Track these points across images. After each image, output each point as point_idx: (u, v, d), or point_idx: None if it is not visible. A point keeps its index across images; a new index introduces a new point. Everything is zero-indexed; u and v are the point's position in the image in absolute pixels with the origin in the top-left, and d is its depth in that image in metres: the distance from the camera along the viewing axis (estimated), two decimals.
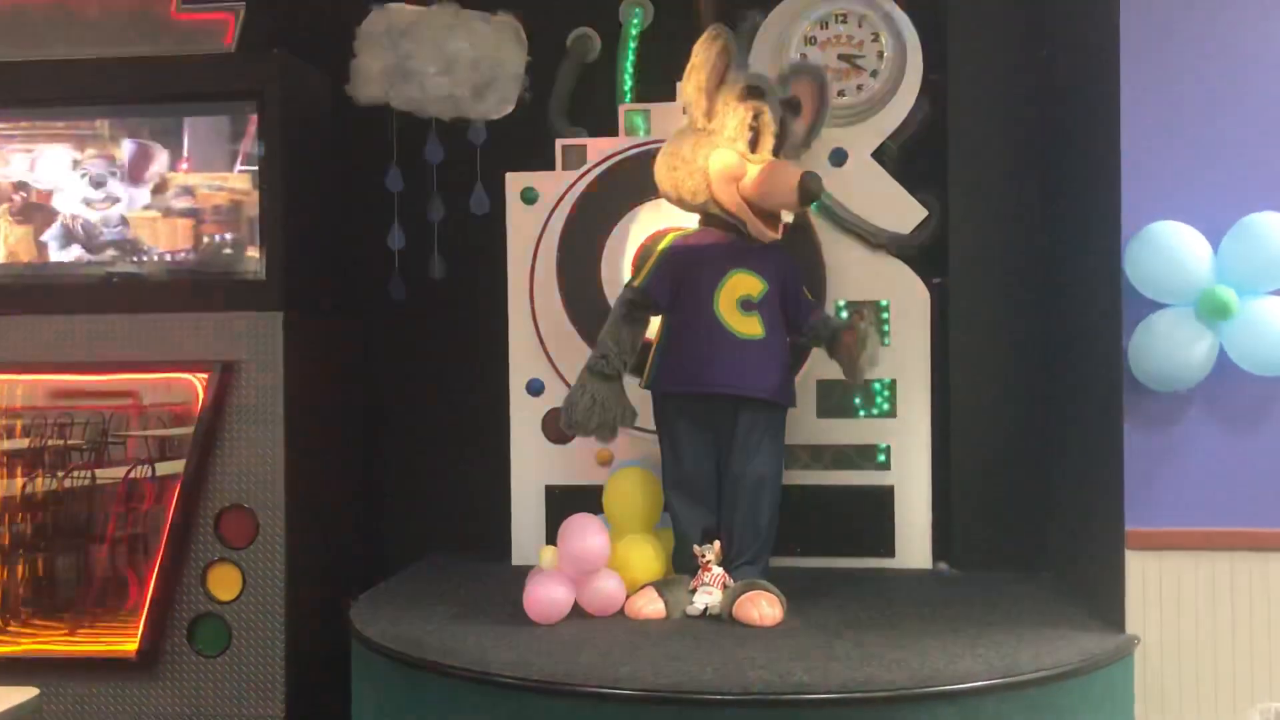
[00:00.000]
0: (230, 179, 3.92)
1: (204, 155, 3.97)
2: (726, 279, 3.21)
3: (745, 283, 3.22)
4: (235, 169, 3.91)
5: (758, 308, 3.21)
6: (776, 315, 3.27)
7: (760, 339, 3.21)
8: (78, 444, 4.03)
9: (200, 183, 3.93)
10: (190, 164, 3.96)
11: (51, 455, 4.00)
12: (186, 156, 3.96)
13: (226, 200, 3.92)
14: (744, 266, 3.23)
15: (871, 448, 3.69)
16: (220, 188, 3.93)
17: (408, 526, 4.31)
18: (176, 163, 3.95)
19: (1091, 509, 3.17)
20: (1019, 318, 3.71)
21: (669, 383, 3.31)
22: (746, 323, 3.20)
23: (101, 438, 4.04)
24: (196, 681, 3.78)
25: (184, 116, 3.94)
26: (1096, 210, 3.07)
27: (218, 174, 3.94)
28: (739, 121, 3.19)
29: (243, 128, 3.87)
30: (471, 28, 3.86)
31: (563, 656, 2.74)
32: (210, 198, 3.93)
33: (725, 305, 3.20)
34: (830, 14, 3.71)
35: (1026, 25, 3.70)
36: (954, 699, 2.54)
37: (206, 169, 3.95)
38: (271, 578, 3.76)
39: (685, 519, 3.28)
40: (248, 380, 3.78)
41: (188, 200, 3.93)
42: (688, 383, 3.26)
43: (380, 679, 3.02)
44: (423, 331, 4.27)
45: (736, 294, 3.21)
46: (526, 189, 3.85)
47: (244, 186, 3.89)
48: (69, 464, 3.98)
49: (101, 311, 3.86)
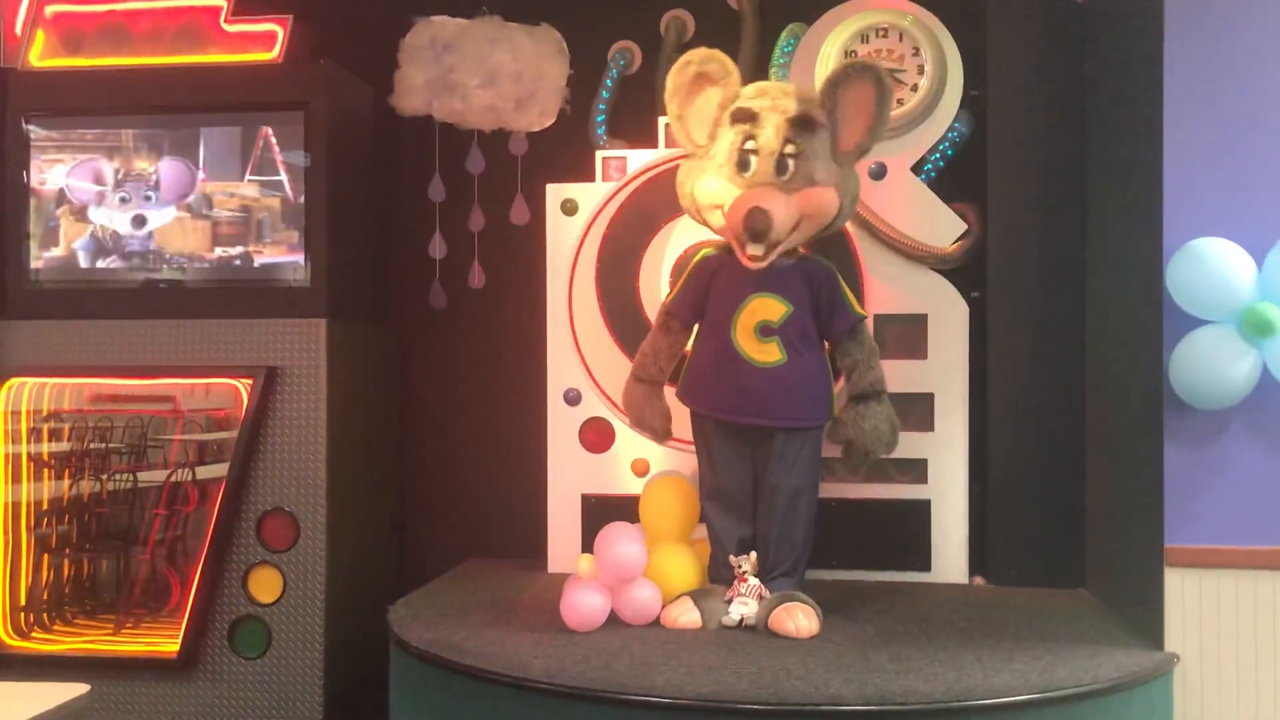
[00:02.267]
0: (275, 186, 3.99)
1: (249, 163, 4.04)
2: (745, 304, 3.17)
3: (765, 307, 3.16)
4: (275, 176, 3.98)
5: (778, 332, 3.15)
6: (807, 336, 3.18)
7: (780, 365, 3.15)
8: (118, 448, 4.11)
9: (239, 190, 3.99)
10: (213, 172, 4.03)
11: (93, 459, 4.08)
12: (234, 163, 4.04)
13: (274, 206, 3.99)
14: (766, 290, 3.16)
15: (908, 461, 3.68)
16: (259, 195, 3.99)
17: (445, 532, 4.35)
18: (219, 170, 4.02)
19: (1130, 525, 3.15)
20: (1057, 332, 3.69)
21: (696, 404, 3.33)
22: (764, 350, 3.16)
23: (141, 442, 4.11)
24: (237, 683, 3.84)
25: (231, 126, 4.01)
26: (1138, 226, 3.06)
27: (260, 179, 4.00)
28: (729, 145, 3.16)
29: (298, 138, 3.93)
30: (514, 41, 3.92)
31: (599, 664, 2.76)
32: (254, 204, 3.99)
33: (742, 332, 3.17)
34: (870, 28, 3.72)
35: (1067, 40, 3.69)
36: (992, 713, 2.54)
37: (246, 176, 4.02)
38: (312, 581, 3.82)
39: (722, 530, 3.29)
40: (291, 385, 3.84)
41: (227, 207, 4.00)
42: (714, 409, 3.27)
43: (418, 683, 3.05)
44: (462, 340, 4.32)
45: (755, 320, 3.16)
46: (566, 199, 3.87)
47: (288, 195, 3.95)
48: (111, 467, 4.05)
49: (147, 317, 3.94)
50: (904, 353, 3.67)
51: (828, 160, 3.13)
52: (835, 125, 3.13)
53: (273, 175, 3.96)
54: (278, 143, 3.94)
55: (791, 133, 3.10)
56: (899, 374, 3.48)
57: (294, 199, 3.92)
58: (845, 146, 3.15)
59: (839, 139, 3.14)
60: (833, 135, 3.13)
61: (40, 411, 4.08)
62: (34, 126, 4.04)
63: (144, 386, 4.02)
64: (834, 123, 3.13)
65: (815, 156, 3.11)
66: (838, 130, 3.14)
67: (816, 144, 3.11)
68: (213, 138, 4.01)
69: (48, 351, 3.97)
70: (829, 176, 3.12)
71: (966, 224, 3.69)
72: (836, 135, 3.14)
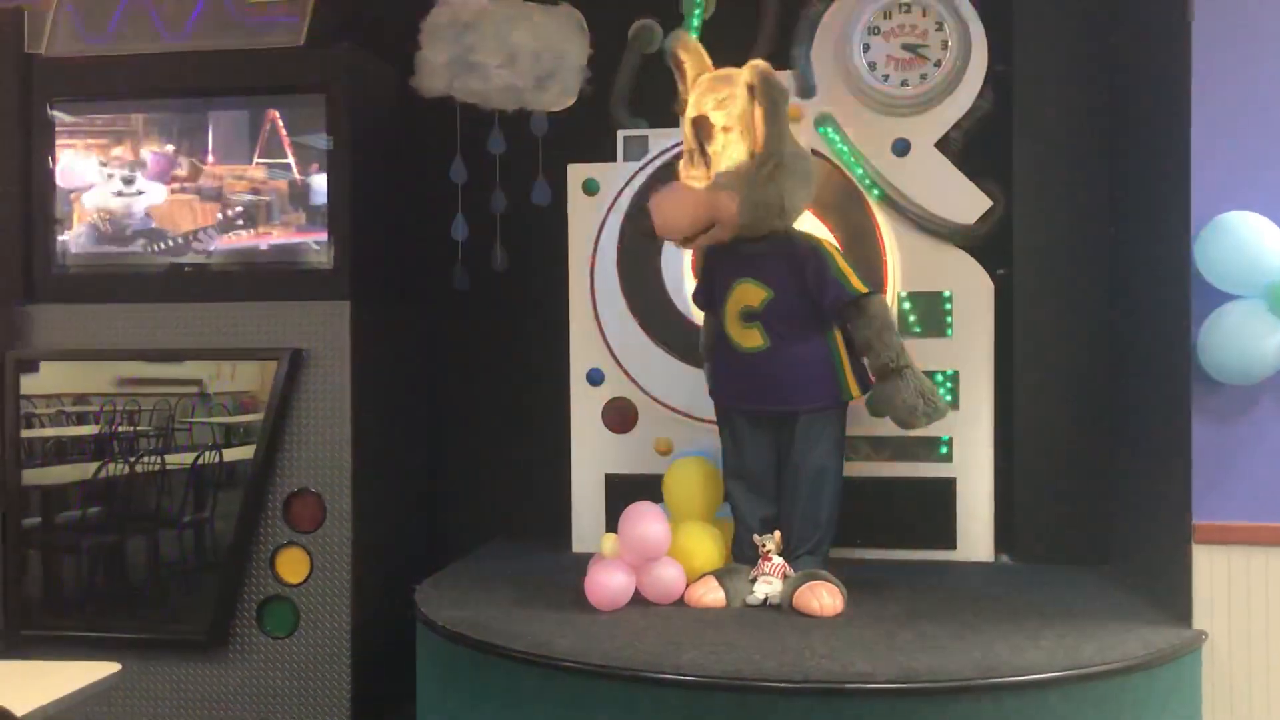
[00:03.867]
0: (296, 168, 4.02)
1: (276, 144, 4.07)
2: (733, 289, 3.20)
3: (748, 293, 3.17)
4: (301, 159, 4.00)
5: (760, 317, 3.15)
6: (793, 319, 3.16)
7: (761, 350, 3.17)
8: (145, 430, 4.15)
9: (247, 173, 4.01)
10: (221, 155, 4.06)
11: (120, 442, 4.12)
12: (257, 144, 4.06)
13: (281, 189, 4.01)
14: (749, 275, 3.17)
15: (934, 440, 3.67)
16: (266, 178, 4.01)
17: (470, 512, 4.39)
18: (249, 152, 4.04)
19: (1158, 502, 3.13)
20: (1083, 309, 3.66)
21: (712, 390, 3.41)
22: (747, 335, 3.18)
23: (168, 424, 4.15)
24: (265, 662, 3.88)
25: (239, 110, 4.04)
26: (1166, 200, 3.02)
27: (268, 161, 4.02)
28: (685, 142, 3.22)
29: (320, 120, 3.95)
30: (534, 20, 3.90)
31: (624, 642, 2.77)
32: (262, 187, 4.02)
33: (731, 319, 3.21)
34: (894, 3, 3.68)
35: (1093, 14, 3.64)
36: (1019, 690, 2.53)
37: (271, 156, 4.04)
38: (339, 561, 3.85)
39: (746, 509, 3.30)
40: (316, 367, 3.87)
41: (235, 189, 4.02)
42: (720, 394, 3.36)
43: (444, 662, 3.07)
44: (485, 321, 4.35)
45: (739, 306, 3.18)
46: (588, 180, 3.88)
47: (314, 177, 3.97)
48: (138, 450, 4.09)
49: (172, 300, 3.97)
50: (929, 330, 3.66)
51: (733, 164, 3.10)
52: (754, 128, 3.10)
53: (280, 158, 3.98)
54: (297, 125, 3.96)
55: (695, 134, 3.14)
56: (924, 352, 3.46)
57: (301, 181, 3.94)
58: (757, 148, 3.11)
59: (750, 144, 3.12)
60: (750, 136, 3.11)
61: (68, 395, 4.12)
62: (58, 112, 4.07)
63: (171, 370, 4.05)
64: (752, 125, 3.11)
65: (719, 160, 3.12)
66: (752, 132, 3.11)
67: (719, 145, 3.12)
68: (221, 121, 4.03)
69: (75, 335, 4.01)
70: (732, 182, 3.08)
71: (991, 200, 3.65)
72: (752, 137, 3.11)
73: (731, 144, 3.12)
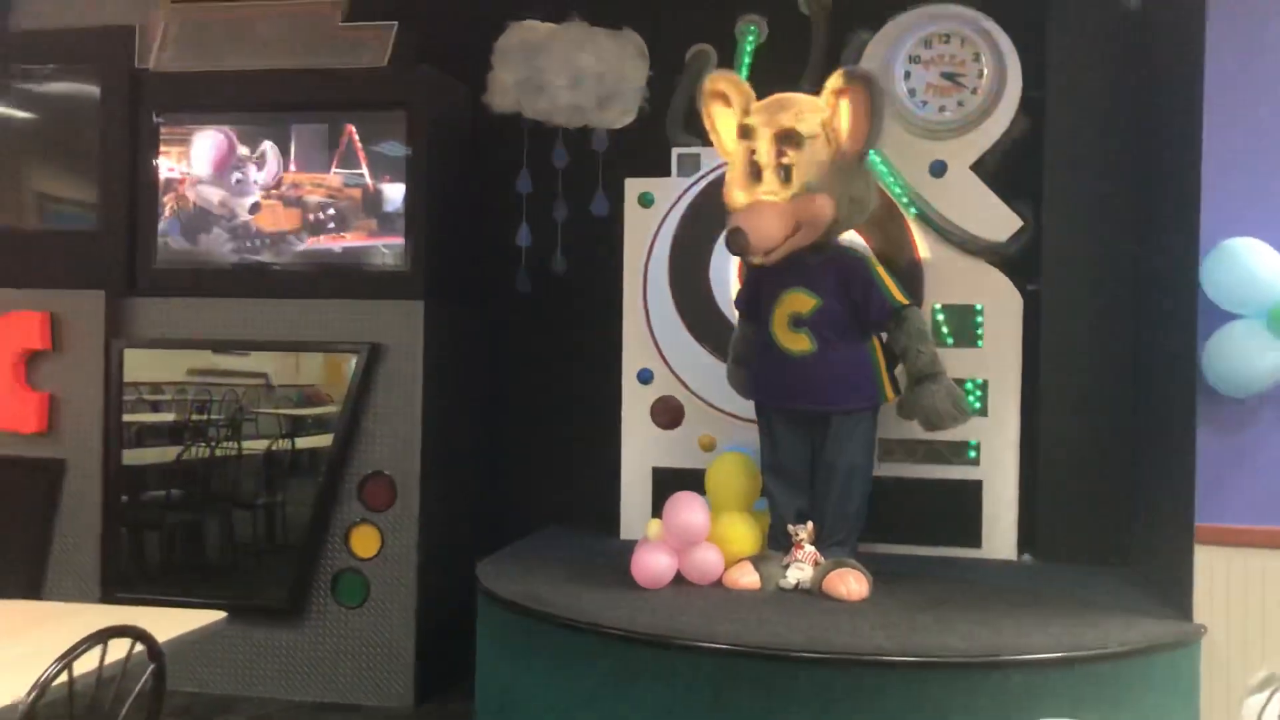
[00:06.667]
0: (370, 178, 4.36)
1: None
2: (782, 297, 3.43)
3: (797, 301, 3.41)
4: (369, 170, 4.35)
5: (808, 324, 3.39)
6: (839, 326, 3.40)
7: (810, 354, 3.40)
8: (218, 419, 4.49)
9: (325, 181, 4.36)
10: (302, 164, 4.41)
11: (194, 429, 4.47)
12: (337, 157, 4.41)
13: (355, 196, 4.35)
14: (799, 285, 3.41)
15: (962, 444, 3.88)
16: (343, 185, 4.35)
17: (526, 500, 4.65)
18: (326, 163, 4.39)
19: (1164, 505, 3.33)
20: (1107, 324, 3.85)
21: (753, 391, 3.65)
22: (795, 340, 3.41)
23: (239, 413, 4.49)
24: (338, 630, 4.22)
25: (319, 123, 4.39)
26: (1177, 225, 3.24)
27: (344, 171, 4.37)
28: (739, 159, 3.45)
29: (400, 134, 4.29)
30: (598, 44, 4.15)
31: (665, 615, 3.05)
32: (339, 194, 4.36)
33: (779, 324, 3.44)
34: (934, 34, 3.91)
35: (1124, 45, 3.83)
36: (1022, 668, 2.77)
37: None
38: (407, 538, 4.18)
39: (781, 501, 3.55)
40: (391, 361, 4.20)
41: (315, 196, 4.36)
42: (763, 395, 3.59)
43: (503, 630, 3.37)
44: (544, 322, 4.62)
45: (788, 312, 3.42)
46: (644, 193, 4.14)
47: (386, 186, 4.31)
48: (211, 437, 4.43)
49: (260, 296, 4.33)
50: (961, 341, 3.86)
51: (823, 168, 3.35)
52: (835, 132, 3.36)
53: (355, 168, 4.32)
54: (371, 138, 4.30)
55: (780, 146, 3.35)
56: (954, 361, 3.66)
57: (374, 189, 4.28)
58: (847, 151, 3.37)
59: (839, 145, 3.36)
60: (833, 142, 3.36)
61: (159, 383, 4.48)
62: (162, 122, 4.44)
63: (246, 363, 4.39)
64: (833, 130, 3.36)
65: (810, 165, 3.34)
66: (838, 137, 3.36)
67: (806, 153, 3.34)
68: (303, 134, 4.38)
69: (173, 326, 4.39)
70: (824, 184, 3.34)
71: (1022, 220, 3.85)
72: (838, 141, 3.36)
73: (817, 151, 3.35)
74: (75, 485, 4.41)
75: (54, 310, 4.40)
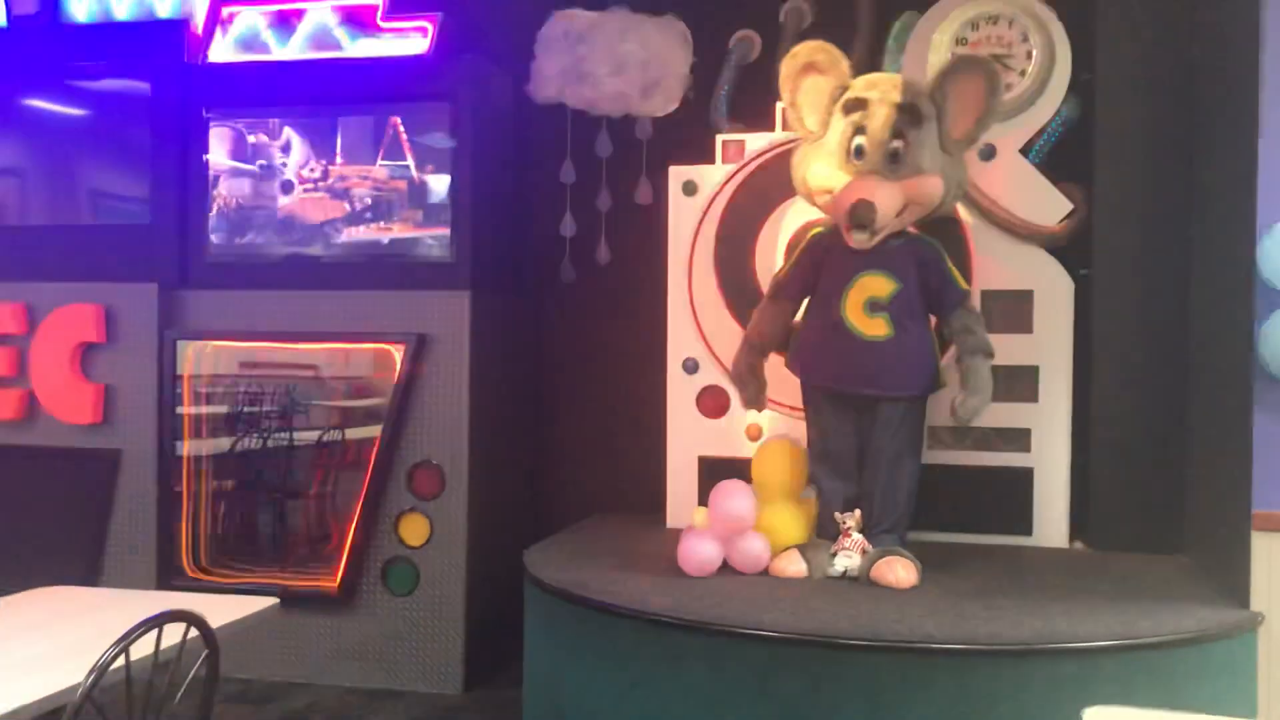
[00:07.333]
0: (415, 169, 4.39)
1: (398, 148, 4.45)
2: (855, 280, 3.38)
3: (874, 284, 3.37)
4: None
5: (887, 308, 3.36)
6: (914, 311, 3.39)
7: (888, 339, 3.37)
8: (270, 410, 4.55)
9: (371, 173, 4.40)
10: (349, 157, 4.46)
11: (246, 420, 4.54)
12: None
13: (401, 188, 4.38)
14: (875, 268, 3.37)
15: (1013, 431, 3.84)
16: (388, 177, 4.39)
17: (572, 489, 4.70)
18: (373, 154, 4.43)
19: (1220, 492, 3.28)
20: (1159, 309, 3.79)
21: (806, 374, 3.57)
22: (873, 324, 3.38)
23: (289, 405, 4.54)
24: (389, 616, 4.27)
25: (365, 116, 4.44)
26: (1232, 206, 3.17)
27: (390, 163, 4.41)
28: (839, 134, 3.39)
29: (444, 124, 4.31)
30: (642, 31, 4.16)
31: (712, 602, 3.05)
32: (385, 185, 4.40)
33: (852, 308, 3.39)
34: (982, 15, 3.86)
35: (1173, 25, 3.77)
36: (1076, 656, 2.74)
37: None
38: (456, 527, 4.21)
39: (829, 489, 3.54)
40: (438, 351, 4.24)
41: (361, 188, 4.40)
42: (823, 379, 3.52)
43: (549, 616, 3.39)
44: (589, 312, 4.65)
45: (864, 296, 3.38)
46: (687, 181, 4.13)
47: (431, 178, 4.34)
48: (264, 427, 4.50)
49: (308, 288, 4.37)
50: (1011, 327, 3.80)
51: (935, 149, 3.34)
52: (945, 115, 3.33)
53: (400, 160, 4.36)
54: (416, 130, 4.33)
55: (899, 123, 3.31)
56: (1005, 347, 3.62)
57: (419, 180, 4.31)
58: (954, 135, 3.35)
59: (948, 128, 3.34)
60: (941, 125, 3.33)
61: (211, 375, 4.54)
62: (212, 116, 4.51)
63: (291, 354, 4.44)
64: (943, 113, 3.33)
65: (923, 145, 3.32)
66: (947, 120, 3.34)
67: (923, 134, 3.32)
68: (349, 126, 4.42)
69: (224, 318, 4.45)
70: (935, 165, 3.33)
71: (1073, 203, 3.80)
72: (946, 125, 3.34)
73: (931, 131, 3.34)
74: (131, 475, 4.49)
75: (108, 303, 4.49)
